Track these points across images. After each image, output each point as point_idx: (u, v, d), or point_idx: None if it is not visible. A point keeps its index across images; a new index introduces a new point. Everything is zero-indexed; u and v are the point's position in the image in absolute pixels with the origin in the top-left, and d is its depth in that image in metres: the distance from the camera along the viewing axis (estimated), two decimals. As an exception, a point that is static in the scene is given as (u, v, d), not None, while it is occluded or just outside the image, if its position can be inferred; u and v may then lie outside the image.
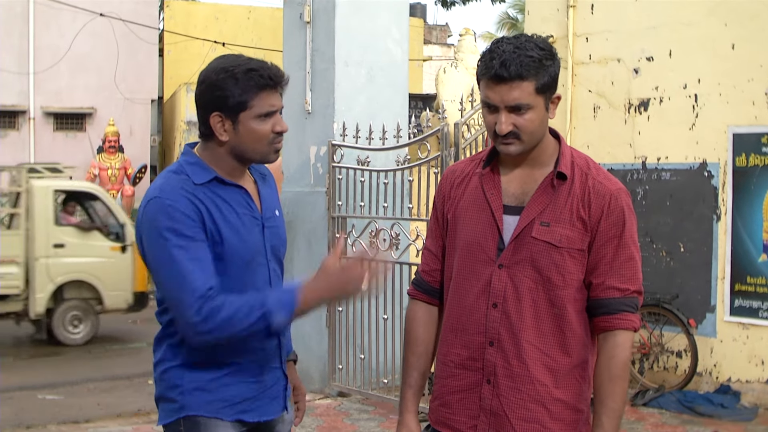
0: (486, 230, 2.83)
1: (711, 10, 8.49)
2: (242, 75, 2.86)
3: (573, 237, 2.75)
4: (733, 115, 8.30)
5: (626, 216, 2.78)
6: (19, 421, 7.96)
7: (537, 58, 2.73)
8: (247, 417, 3.01)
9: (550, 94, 2.78)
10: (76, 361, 11.49)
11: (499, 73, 2.70)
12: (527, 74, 2.70)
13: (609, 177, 2.84)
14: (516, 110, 2.72)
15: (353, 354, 8.12)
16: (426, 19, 30.08)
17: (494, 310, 2.79)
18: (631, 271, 2.79)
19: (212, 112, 2.89)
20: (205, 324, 2.77)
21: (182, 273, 2.79)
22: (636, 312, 2.79)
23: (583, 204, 2.77)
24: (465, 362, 2.85)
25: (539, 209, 2.78)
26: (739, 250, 8.22)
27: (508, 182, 2.85)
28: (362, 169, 8.03)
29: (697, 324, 8.42)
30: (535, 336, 2.77)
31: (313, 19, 8.49)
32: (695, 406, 7.81)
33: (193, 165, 2.95)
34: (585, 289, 2.80)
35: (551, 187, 2.79)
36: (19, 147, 21.28)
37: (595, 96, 9.44)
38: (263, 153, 2.96)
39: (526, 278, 2.77)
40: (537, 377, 2.76)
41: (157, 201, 2.85)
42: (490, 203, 2.84)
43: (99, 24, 21.36)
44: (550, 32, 9.86)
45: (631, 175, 9.11)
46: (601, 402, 2.75)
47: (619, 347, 2.76)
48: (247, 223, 2.97)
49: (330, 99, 8.36)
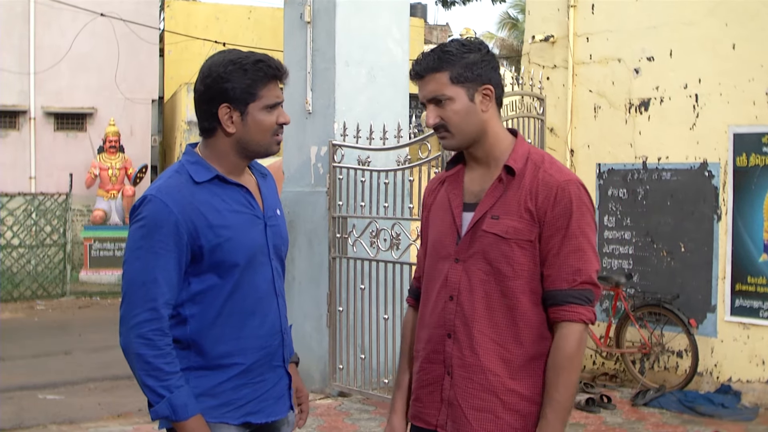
0: (447, 228, 2.93)
1: (711, 10, 8.49)
2: (251, 66, 2.92)
3: (520, 228, 2.80)
4: (734, 114, 8.30)
5: (574, 207, 2.80)
6: (20, 420, 7.96)
7: (452, 51, 2.83)
8: (254, 419, 3.03)
9: (474, 85, 2.84)
10: (76, 361, 11.48)
11: (415, 70, 2.87)
12: (439, 66, 2.83)
13: (561, 170, 2.87)
14: (438, 103, 2.85)
15: (354, 354, 8.12)
16: (427, 19, 30.03)
17: (450, 302, 2.87)
18: (579, 262, 2.79)
19: (220, 104, 2.93)
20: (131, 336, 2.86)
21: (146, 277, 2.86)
22: (587, 304, 2.79)
23: (531, 196, 2.81)
24: (430, 356, 2.94)
25: (490, 203, 2.85)
26: (739, 249, 8.22)
27: (470, 181, 2.94)
28: (363, 169, 8.04)
29: (698, 324, 8.42)
30: (487, 327, 2.82)
31: (313, 19, 8.49)
32: (696, 406, 7.81)
33: (195, 164, 2.98)
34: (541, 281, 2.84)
35: (500, 181, 2.85)
36: (19, 147, 21.26)
37: (596, 96, 9.44)
38: (267, 144, 3.01)
39: (478, 270, 2.83)
40: (489, 367, 2.81)
41: (150, 199, 2.90)
42: (451, 202, 2.94)
43: (99, 24, 21.34)
44: (550, 32, 9.88)
45: (631, 175, 9.11)
46: (547, 393, 2.77)
47: (564, 339, 2.77)
48: (248, 221, 2.99)
49: (331, 99, 8.36)
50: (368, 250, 7.94)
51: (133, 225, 2.91)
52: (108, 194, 19.70)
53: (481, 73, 2.84)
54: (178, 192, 2.90)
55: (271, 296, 3.06)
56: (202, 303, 2.93)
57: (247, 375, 2.99)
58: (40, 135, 21.42)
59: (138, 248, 2.88)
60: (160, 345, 2.84)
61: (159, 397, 2.83)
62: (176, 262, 2.87)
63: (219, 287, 2.93)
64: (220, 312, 2.94)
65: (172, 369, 2.85)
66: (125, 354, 2.89)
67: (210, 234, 2.89)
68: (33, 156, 21.31)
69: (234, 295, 2.95)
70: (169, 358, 2.85)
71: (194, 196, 2.90)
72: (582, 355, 2.79)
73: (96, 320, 14.58)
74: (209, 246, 2.89)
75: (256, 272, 3.00)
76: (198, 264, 2.91)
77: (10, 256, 17.23)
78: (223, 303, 2.94)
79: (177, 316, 2.92)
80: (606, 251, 9.35)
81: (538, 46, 10.03)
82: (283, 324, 3.12)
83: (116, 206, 19.62)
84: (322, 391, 8.30)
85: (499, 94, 2.91)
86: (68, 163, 20.85)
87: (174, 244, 2.86)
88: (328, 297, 8.32)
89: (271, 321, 3.05)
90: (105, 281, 18.56)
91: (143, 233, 2.87)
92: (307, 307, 8.46)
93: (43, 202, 17.56)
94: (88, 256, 18.88)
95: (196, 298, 2.93)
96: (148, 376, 2.84)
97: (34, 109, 21.31)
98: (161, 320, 2.85)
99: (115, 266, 18.64)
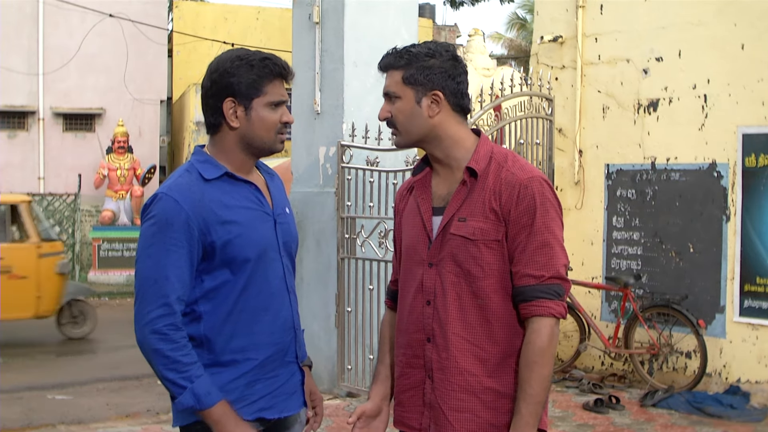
0: (419, 233, 2.96)
1: (720, 10, 8.48)
2: (257, 62, 2.99)
3: (487, 229, 2.82)
4: (743, 115, 8.28)
5: (537, 203, 2.81)
6: (29, 421, 7.98)
7: (414, 53, 2.89)
8: (268, 414, 3.06)
9: (424, 89, 2.89)
10: (85, 362, 11.51)
11: (379, 63, 2.96)
12: (396, 64, 2.90)
13: (524, 167, 2.88)
14: (390, 99, 2.93)
15: (362, 354, 8.12)
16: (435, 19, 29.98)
17: (428, 307, 2.91)
18: (545, 258, 2.80)
19: (225, 97, 2.99)
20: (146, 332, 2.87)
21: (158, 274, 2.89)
22: (556, 298, 2.79)
23: (494, 196, 2.83)
24: (410, 360, 2.97)
25: (457, 206, 2.87)
26: (748, 250, 8.20)
27: (437, 185, 2.98)
28: (371, 169, 8.03)
29: (707, 324, 8.40)
30: (461, 328, 2.85)
31: (322, 19, 8.49)
32: (704, 407, 7.79)
33: (204, 163, 3.03)
34: None
35: (464, 184, 2.88)
36: (28, 147, 21.33)
37: (605, 96, 9.43)
38: (270, 141, 3.05)
39: (449, 273, 2.86)
40: (465, 367, 2.84)
41: (161, 198, 2.94)
42: (420, 207, 2.97)
43: (108, 25, 21.40)
44: (559, 33, 9.87)
45: (640, 175, 9.10)
46: (520, 388, 2.79)
47: (534, 333, 2.78)
48: (258, 218, 3.04)
49: (339, 99, 8.36)
50: (377, 250, 7.94)
51: (144, 224, 2.95)
52: (117, 195, 19.74)
53: (433, 78, 2.87)
54: (188, 190, 2.94)
55: (283, 292, 3.09)
56: (216, 299, 2.97)
57: (261, 371, 3.02)
58: (48, 135, 21.49)
59: (149, 246, 2.92)
60: (176, 338, 2.86)
61: (181, 389, 2.85)
62: (188, 258, 2.90)
63: (231, 283, 2.96)
64: (233, 308, 2.98)
65: (190, 360, 2.87)
66: (142, 351, 2.91)
67: (221, 230, 2.93)
68: (42, 156, 21.38)
69: (246, 290, 2.98)
70: (186, 350, 2.87)
71: (204, 194, 2.94)
72: (554, 349, 2.80)
73: (105, 321, 14.60)
74: (220, 242, 2.93)
75: (268, 268, 3.03)
76: (210, 261, 2.94)
77: (19, 257, 17.24)
78: (236, 299, 2.98)
79: (191, 314, 2.96)
80: (614, 252, 9.34)
81: (547, 46, 10.02)
82: (296, 320, 3.15)
83: (125, 207, 19.67)
84: (330, 391, 8.29)
85: (456, 101, 2.92)
86: (77, 164, 20.92)
87: (185, 240, 2.89)
88: (336, 297, 8.32)
89: (284, 317, 3.09)
90: (113, 281, 18.61)
91: (154, 231, 2.91)
92: (316, 308, 8.46)
93: (52, 202, 17.64)
94: (97, 257, 18.93)
95: (209, 295, 2.96)
96: (168, 370, 2.85)
97: (43, 110, 21.37)
98: (174, 315, 2.87)
99: (124, 266, 18.69)
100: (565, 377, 9.03)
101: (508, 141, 8.27)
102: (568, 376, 9.06)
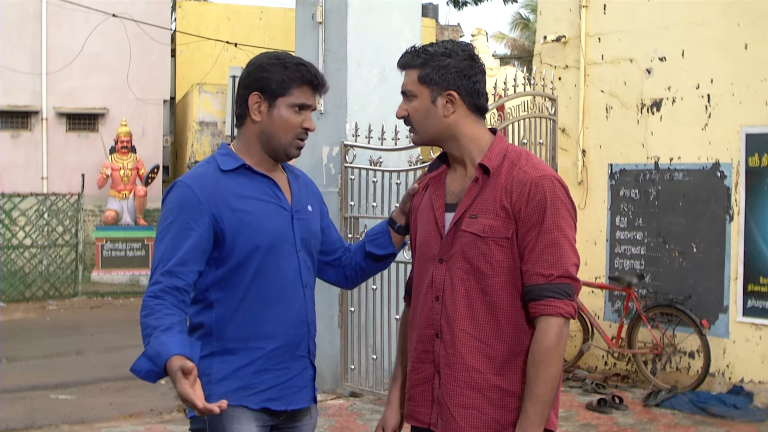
0: (431, 229, 2.99)
1: (724, 10, 8.48)
2: (292, 65, 3.08)
3: (497, 226, 2.83)
4: (746, 115, 8.28)
5: (548, 202, 2.81)
6: (32, 420, 7.98)
7: (431, 52, 2.95)
8: (274, 405, 3.08)
9: (439, 89, 2.93)
10: (88, 361, 11.51)
11: (398, 62, 3.07)
12: (412, 63, 3.00)
13: (536, 165, 2.88)
14: (407, 97, 3.02)
15: (365, 354, 8.12)
16: (438, 19, 29.98)
17: (437, 303, 2.92)
18: (555, 257, 2.80)
19: (253, 91, 3.08)
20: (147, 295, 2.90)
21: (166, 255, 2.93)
22: (566, 298, 2.78)
23: (506, 193, 2.84)
24: (420, 355, 2.99)
25: (468, 203, 2.89)
26: (752, 250, 8.20)
27: (451, 181, 3.01)
28: (375, 169, 8.04)
29: (710, 324, 8.40)
30: (469, 324, 2.86)
31: (325, 19, 8.49)
32: (708, 407, 7.79)
33: (225, 155, 3.13)
34: None
35: (477, 181, 2.90)
36: (31, 147, 21.33)
37: (608, 96, 9.43)
38: (287, 144, 3.11)
39: (459, 270, 2.87)
40: (471, 364, 2.85)
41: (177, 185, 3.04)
42: (433, 203, 3.00)
43: (111, 24, 21.38)
44: (562, 32, 9.87)
45: (643, 175, 9.10)
46: (527, 388, 2.79)
47: (542, 333, 2.78)
48: (272, 210, 3.10)
49: (342, 99, 8.36)
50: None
51: (162, 212, 3.05)
52: (120, 194, 19.74)
53: (448, 78, 2.91)
54: (203, 178, 3.04)
55: (297, 286, 3.14)
56: (227, 287, 3.02)
57: (270, 360, 3.05)
58: (52, 135, 21.47)
59: (162, 230, 3.00)
60: (151, 304, 2.85)
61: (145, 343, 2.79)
62: (196, 239, 2.95)
63: (243, 271, 3.02)
64: (244, 296, 3.03)
65: (156, 323, 2.79)
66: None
67: (232, 217, 3.00)
68: (45, 156, 21.36)
69: (257, 279, 3.03)
70: (157, 315, 2.81)
71: (219, 183, 3.03)
72: (562, 349, 2.79)
73: (108, 320, 14.63)
74: (231, 229, 2.99)
75: (281, 259, 3.08)
76: (221, 248, 3.00)
77: (23, 257, 17.29)
78: (247, 287, 3.03)
79: (203, 301, 3.02)
80: (618, 252, 9.34)
81: (550, 46, 10.02)
82: (310, 315, 3.20)
83: (128, 206, 19.66)
84: (333, 391, 8.30)
85: (472, 101, 2.94)
86: (80, 164, 20.91)
87: (195, 222, 2.96)
88: (339, 297, 8.32)
89: (297, 310, 3.13)
90: (117, 281, 18.61)
91: (167, 215, 3.01)
92: (319, 308, 8.37)
93: (55, 202, 17.62)
94: (100, 257, 18.92)
95: (221, 283, 3.02)
96: (143, 337, 2.82)
97: (46, 110, 21.36)
98: (173, 276, 2.90)
99: (127, 266, 18.70)
100: (568, 377, 9.03)
101: (511, 141, 8.26)
102: (571, 376, 9.06)
